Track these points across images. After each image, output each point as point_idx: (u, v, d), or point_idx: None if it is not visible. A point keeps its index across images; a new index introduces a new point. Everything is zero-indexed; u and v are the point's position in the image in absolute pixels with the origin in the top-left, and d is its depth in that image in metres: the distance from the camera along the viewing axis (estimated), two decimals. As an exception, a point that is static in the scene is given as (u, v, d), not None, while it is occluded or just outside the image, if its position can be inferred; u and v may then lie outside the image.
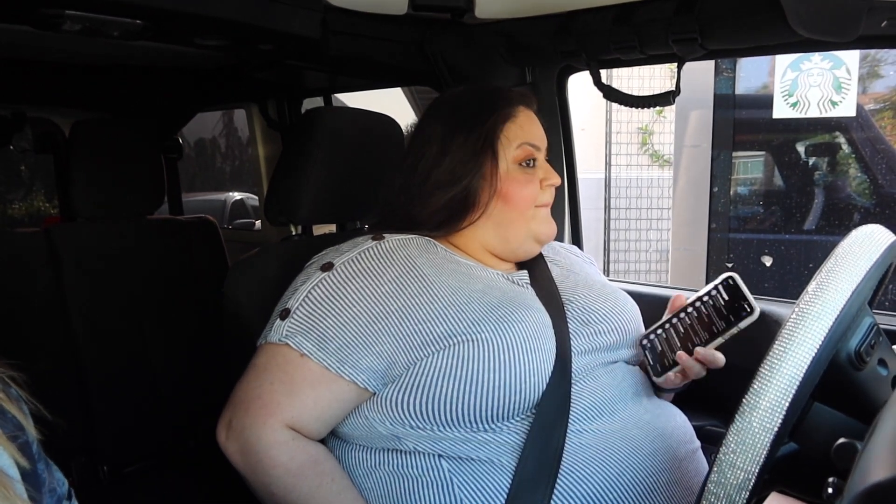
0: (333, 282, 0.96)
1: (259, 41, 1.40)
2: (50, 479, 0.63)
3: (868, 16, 1.01)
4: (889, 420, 0.52)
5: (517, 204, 1.06)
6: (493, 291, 0.99)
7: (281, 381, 0.93)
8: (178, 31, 1.33)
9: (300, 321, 0.95)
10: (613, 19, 1.25)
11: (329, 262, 0.99)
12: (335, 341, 0.93)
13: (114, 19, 1.16)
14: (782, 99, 3.52)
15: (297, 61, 1.67)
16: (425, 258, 1.01)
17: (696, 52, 1.21)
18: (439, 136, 1.06)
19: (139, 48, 1.43)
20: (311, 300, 0.96)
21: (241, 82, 2.09)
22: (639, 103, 1.33)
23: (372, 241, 1.02)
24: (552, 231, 1.10)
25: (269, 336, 0.97)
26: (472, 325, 0.92)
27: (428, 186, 1.05)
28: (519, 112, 1.09)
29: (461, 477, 0.90)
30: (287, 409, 0.92)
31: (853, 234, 0.76)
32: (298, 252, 1.25)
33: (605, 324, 1.04)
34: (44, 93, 2.21)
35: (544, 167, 1.10)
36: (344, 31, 1.36)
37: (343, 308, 0.94)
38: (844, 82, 3.42)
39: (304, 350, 0.93)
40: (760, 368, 0.68)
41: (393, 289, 0.96)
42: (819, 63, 3.45)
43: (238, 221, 5.24)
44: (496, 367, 0.90)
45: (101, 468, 1.69)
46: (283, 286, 1.02)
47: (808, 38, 1.06)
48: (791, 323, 0.69)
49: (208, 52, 1.49)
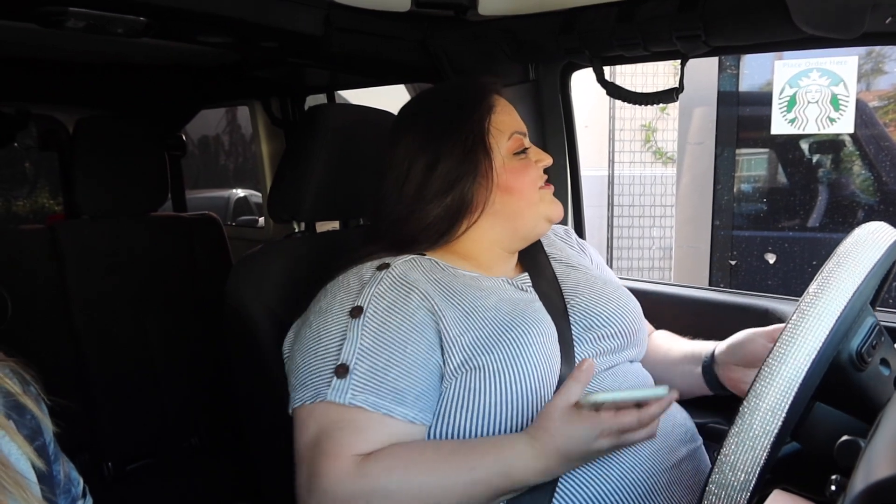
0: (374, 326, 0.92)
1: (262, 38, 1.40)
2: (66, 480, 0.64)
3: (872, 12, 1.01)
4: (892, 418, 0.51)
5: (522, 193, 1.04)
6: (503, 305, 0.97)
7: (342, 430, 0.87)
8: (182, 28, 1.33)
9: (364, 378, 0.88)
10: (617, 16, 1.25)
11: (357, 307, 0.93)
12: (411, 392, 0.89)
13: (118, 16, 1.16)
14: (780, 115, 3.52)
15: (300, 59, 1.66)
16: (432, 283, 0.98)
17: (699, 49, 1.20)
18: (422, 148, 1.02)
19: (143, 45, 1.43)
20: (366, 352, 0.90)
21: (244, 79, 2.09)
22: (642, 100, 1.33)
23: (378, 271, 0.98)
24: (560, 211, 1.09)
25: (329, 395, 0.88)
26: (485, 352, 0.92)
27: (421, 203, 1.01)
28: (496, 101, 1.06)
29: None
30: (354, 446, 0.86)
31: (856, 232, 0.75)
32: (301, 249, 1.25)
33: (608, 328, 1.03)
34: (48, 90, 2.22)
35: (533, 149, 1.08)
36: (347, 28, 1.36)
37: (398, 353, 0.90)
38: (843, 99, 3.41)
39: (383, 411, 0.87)
40: (761, 369, 0.68)
41: (422, 317, 0.93)
42: (817, 80, 3.44)
43: (241, 218, 5.24)
44: (506, 398, 0.90)
45: (105, 465, 1.70)
46: (285, 284, 1.02)
47: (812, 34, 1.06)
48: (792, 324, 0.68)
49: (212, 50, 1.50)
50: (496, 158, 1.03)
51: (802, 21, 1.02)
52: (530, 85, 1.55)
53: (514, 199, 1.04)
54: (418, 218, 1.01)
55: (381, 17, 1.36)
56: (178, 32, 1.36)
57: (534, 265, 1.10)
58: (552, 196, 1.08)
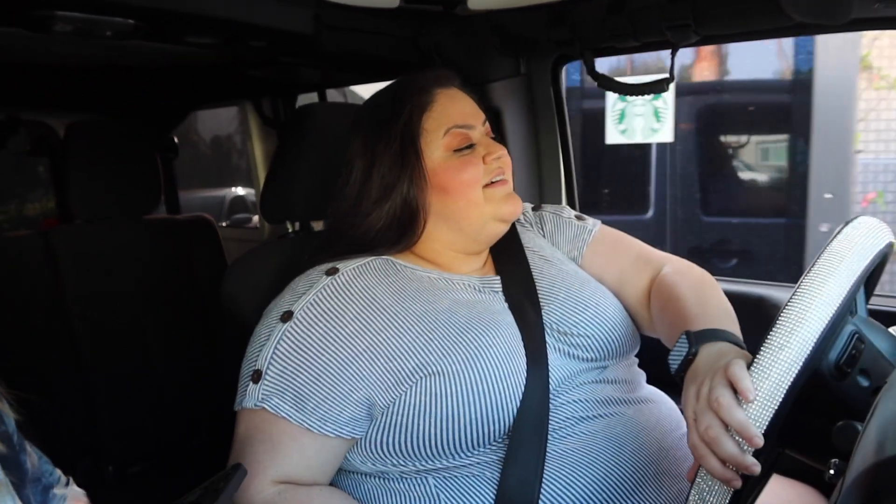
0: (297, 332, 0.91)
1: (252, 38, 1.40)
2: (35, 469, 0.65)
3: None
4: (888, 401, 0.52)
5: (460, 192, 0.98)
6: (459, 309, 0.94)
7: (261, 442, 0.89)
8: (171, 29, 1.33)
9: (273, 382, 0.90)
10: (608, 7, 1.25)
11: (288, 311, 0.93)
12: (313, 399, 0.89)
13: (105, 19, 1.15)
14: (614, 126, 3.95)
15: (290, 58, 1.66)
16: (385, 286, 0.95)
17: (690, 39, 1.21)
18: (362, 148, 1.00)
19: (132, 48, 1.42)
20: (280, 356, 0.91)
21: (234, 80, 2.09)
22: (633, 91, 1.33)
23: (326, 276, 0.96)
24: (514, 209, 1.01)
25: (243, 402, 0.92)
26: (442, 357, 0.89)
27: (364, 206, 0.98)
28: (436, 96, 1.00)
29: (448, 492, 0.89)
30: (270, 468, 0.88)
31: (847, 231, 0.73)
32: (296, 249, 1.25)
33: (584, 338, 0.98)
34: (37, 95, 2.21)
35: (485, 143, 1.01)
36: (337, 26, 1.35)
37: (313, 359, 0.90)
38: (662, 111, 3.83)
39: (282, 413, 0.89)
40: (751, 370, 0.69)
41: (358, 327, 0.91)
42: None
43: (235, 217, 5.21)
44: (469, 401, 0.87)
45: (107, 468, 1.70)
46: (281, 284, 1.02)
47: (800, 21, 1.06)
48: (773, 341, 0.68)
49: (201, 51, 1.49)
50: (429, 158, 0.98)
51: (791, 8, 1.03)
52: (522, 78, 1.55)
53: (451, 199, 0.98)
54: (368, 223, 0.99)
55: (371, 14, 1.36)
56: (167, 34, 1.35)
57: (506, 262, 1.05)
58: (506, 193, 1.01)
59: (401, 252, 1.01)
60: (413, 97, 1.00)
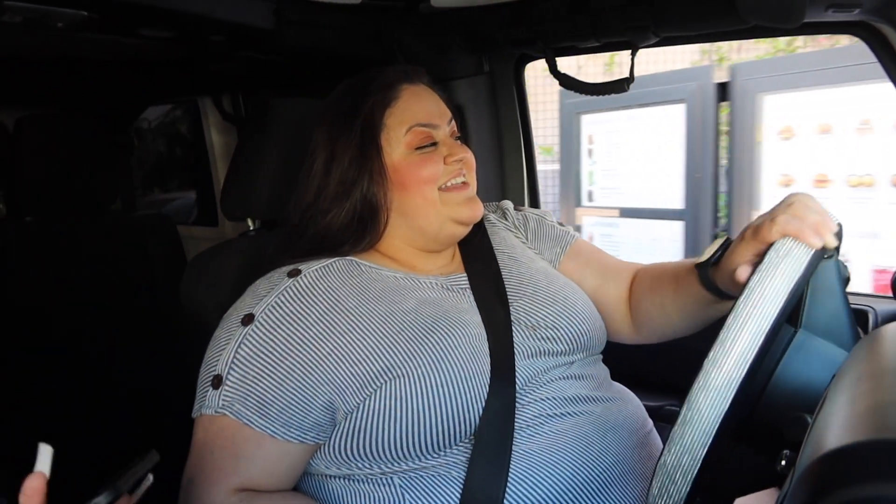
0: (258, 336, 0.89)
1: (210, 32, 1.37)
2: None
3: (812, 3, 1.04)
4: (837, 393, 0.53)
5: (418, 189, 0.97)
6: (425, 308, 0.93)
7: (222, 449, 0.87)
8: (125, 22, 1.29)
9: (234, 387, 0.87)
10: (568, 7, 1.26)
11: (249, 314, 0.91)
12: (276, 404, 0.87)
13: (56, 10, 1.11)
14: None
15: (250, 53, 1.63)
16: (349, 287, 0.94)
17: (649, 40, 1.23)
18: (325, 140, 0.99)
19: (85, 40, 1.38)
20: (241, 361, 0.88)
21: (194, 75, 2.04)
22: (594, 90, 1.34)
23: (288, 278, 0.93)
24: (473, 213, 1.01)
25: (203, 408, 0.89)
26: (407, 359, 0.88)
27: (323, 203, 0.97)
28: (401, 92, 1.00)
29: (413, 492, 0.89)
30: (232, 475, 0.87)
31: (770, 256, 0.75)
32: (258, 247, 1.23)
33: (553, 330, 0.98)
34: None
35: (448, 143, 1.00)
36: (298, 21, 1.33)
37: (275, 364, 0.87)
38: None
39: (244, 420, 0.86)
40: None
41: (320, 330, 0.89)
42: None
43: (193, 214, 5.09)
44: (434, 403, 0.86)
45: None
46: (241, 282, 1.00)
47: (755, 24, 1.09)
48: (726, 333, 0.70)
49: (158, 45, 1.45)
50: (389, 155, 0.98)
51: (747, 11, 1.05)
52: (485, 77, 1.56)
53: (409, 196, 0.98)
54: (328, 220, 0.98)
55: (332, 9, 1.35)
56: (121, 27, 1.31)
57: (474, 260, 1.05)
58: (465, 198, 1.00)
59: (365, 251, 1.00)
60: (377, 91, 0.99)
